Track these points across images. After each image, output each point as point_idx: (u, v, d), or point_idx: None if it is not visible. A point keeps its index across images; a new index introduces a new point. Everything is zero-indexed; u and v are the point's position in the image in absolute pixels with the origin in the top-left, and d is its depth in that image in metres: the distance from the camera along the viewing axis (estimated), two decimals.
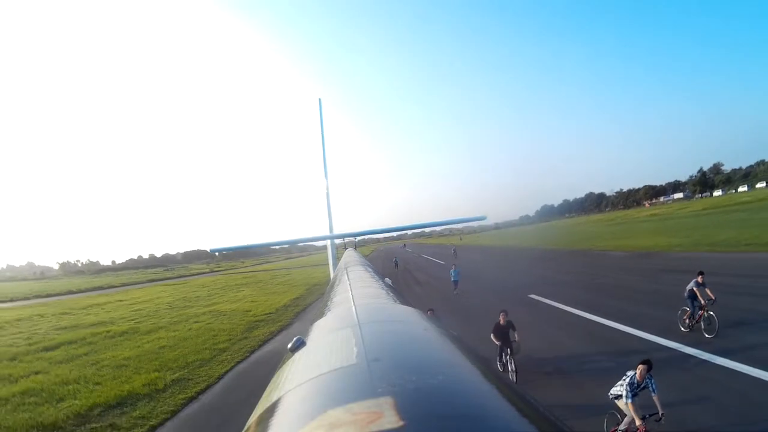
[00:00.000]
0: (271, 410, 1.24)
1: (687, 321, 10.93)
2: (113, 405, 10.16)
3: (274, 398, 1.34)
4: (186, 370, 12.45)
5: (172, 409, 9.65)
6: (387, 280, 5.93)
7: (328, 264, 12.76)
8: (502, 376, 1.27)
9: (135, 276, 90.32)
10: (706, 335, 10.21)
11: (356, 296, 3.18)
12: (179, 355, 14.18)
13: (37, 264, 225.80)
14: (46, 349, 17.71)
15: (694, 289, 10.85)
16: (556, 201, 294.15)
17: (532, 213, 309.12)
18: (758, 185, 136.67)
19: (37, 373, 13.91)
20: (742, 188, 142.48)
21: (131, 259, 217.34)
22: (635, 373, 6.10)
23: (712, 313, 10.34)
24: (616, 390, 6.26)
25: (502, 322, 9.58)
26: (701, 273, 11.02)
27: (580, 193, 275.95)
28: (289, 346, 1.95)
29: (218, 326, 18.93)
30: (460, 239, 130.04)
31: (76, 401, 10.60)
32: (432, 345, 1.66)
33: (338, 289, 4.32)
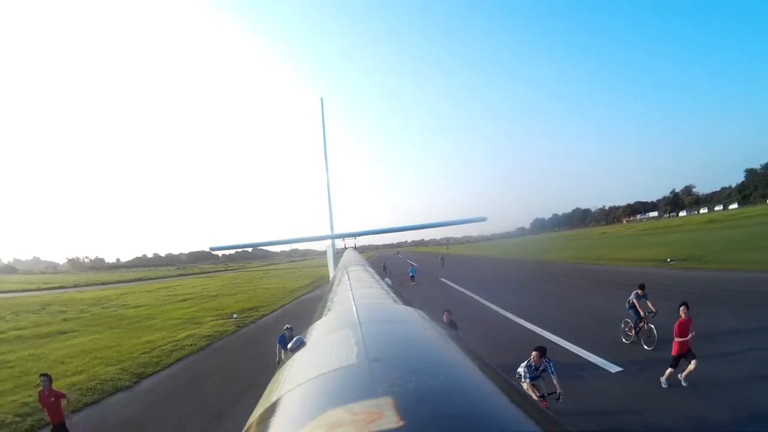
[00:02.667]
0: (271, 410, 1.28)
1: (629, 333, 11.02)
2: (248, 309, 25.29)
3: (274, 398, 1.38)
4: (269, 303, 27.71)
5: (273, 309, 25.04)
6: (387, 280, 6.13)
7: (328, 264, 13.17)
8: (502, 375, 1.36)
9: (161, 272, 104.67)
10: (646, 347, 10.42)
11: (356, 296, 3.33)
12: (261, 300, 29.34)
13: (42, 259, 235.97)
14: (180, 300, 32.74)
15: (634, 301, 10.92)
16: (548, 214, 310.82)
17: (528, 225, 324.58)
18: (716, 207, 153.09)
19: (192, 307, 28.93)
20: (703, 210, 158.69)
21: (137, 258, 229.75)
22: (530, 358, 6.83)
23: (652, 325, 10.41)
24: (519, 371, 6.88)
25: (445, 320, 9.58)
26: (642, 286, 11.06)
27: (569, 208, 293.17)
28: (289, 346, 2.03)
29: (271, 292, 34.14)
30: (447, 248, 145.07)
31: (230, 309, 25.63)
32: (432, 345, 1.70)
33: (338, 289, 4.45)
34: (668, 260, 28.34)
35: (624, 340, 11.04)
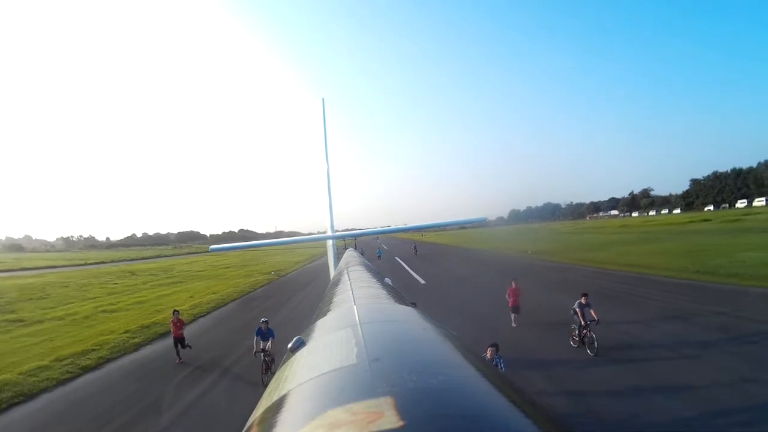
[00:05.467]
0: (271, 410, 1.33)
1: (575, 337, 11.97)
2: (276, 270, 43.75)
3: (275, 398, 1.43)
4: (285, 268, 46.36)
5: (290, 271, 43.81)
6: (387, 280, 6.37)
7: (329, 263, 13.84)
8: (503, 375, 1.46)
9: (169, 251, 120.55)
10: (589, 353, 11.27)
11: (357, 296, 3.46)
12: (279, 268, 47.74)
13: (34, 237, 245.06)
14: (224, 267, 50.81)
15: (577, 309, 11.75)
16: (523, 206, 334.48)
17: (506, 215, 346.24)
18: (663, 211, 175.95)
19: (238, 270, 47.05)
20: (652, 212, 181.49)
21: (128, 237, 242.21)
22: (486, 353, 7.48)
23: (593, 334, 11.24)
24: None
25: None
26: (585, 294, 11.92)
27: (548, 200, 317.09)
28: (290, 345, 2.09)
29: (281, 264, 52.47)
30: (422, 235, 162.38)
31: (267, 269, 43.99)
32: (432, 345, 1.74)
33: (339, 288, 4.61)
34: (529, 252, 47.49)
35: (572, 344, 11.87)
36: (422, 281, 28.20)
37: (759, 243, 34.65)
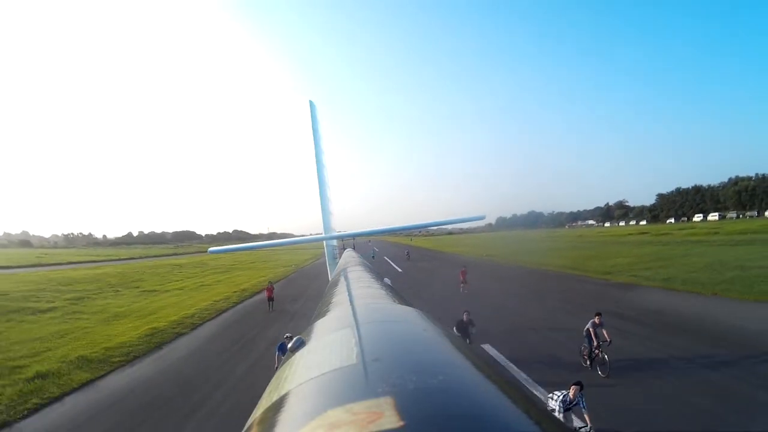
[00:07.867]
0: (271, 410, 1.37)
1: (586, 358, 12.43)
2: (293, 264, 60.17)
3: (275, 398, 1.48)
4: (299, 263, 62.77)
5: (303, 265, 60.35)
6: (386, 280, 6.53)
7: (327, 264, 14.47)
8: (503, 375, 1.49)
9: (180, 249, 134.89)
10: (601, 374, 11.70)
11: (356, 296, 3.59)
12: (293, 263, 64.08)
13: (31, 233, 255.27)
14: (250, 262, 66.97)
15: (590, 329, 12.13)
16: (509, 213, 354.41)
17: (494, 221, 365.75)
18: (632, 222, 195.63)
19: (263, 264, 63.26)
20: (622, 223, 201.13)
21: (126, 235, 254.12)
22: (568, 392, 7.58)
23: (606, 355, 11.69)
24: (549, 405, 7.58)
25: (465, 319, 11.38)
26: (599, 314, 12.32)
27: (535, 208, 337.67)
28: (289, 346, 2.18)
29: (294, 261, 68.68)
30: (411, 240, 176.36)
31: (285, 264, 60.35)
32: (432, 345, 1.80)
33: (338, 289, 4.75)
34: (484, 255, 64.41)
35: (582, 363, 12.48)
36: (399, 270, 44.89)
37: (641, 252, 50.60)
